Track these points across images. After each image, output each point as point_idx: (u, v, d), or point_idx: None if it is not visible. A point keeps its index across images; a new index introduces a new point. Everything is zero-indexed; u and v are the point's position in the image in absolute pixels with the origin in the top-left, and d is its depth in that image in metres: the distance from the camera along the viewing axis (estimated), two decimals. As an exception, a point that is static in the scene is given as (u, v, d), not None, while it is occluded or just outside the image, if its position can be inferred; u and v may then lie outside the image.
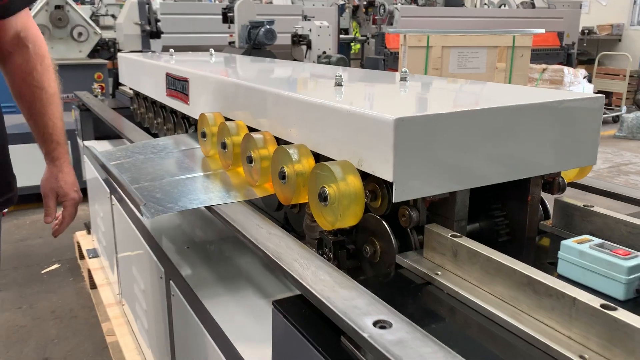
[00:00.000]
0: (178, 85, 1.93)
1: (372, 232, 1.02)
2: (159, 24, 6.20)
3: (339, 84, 1.28)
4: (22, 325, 2.73)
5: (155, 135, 2.44)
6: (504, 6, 9.70)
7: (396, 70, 6.73)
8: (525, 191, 1.08)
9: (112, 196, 2.27)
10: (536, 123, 1.00)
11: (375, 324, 0.68)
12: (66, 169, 1.58)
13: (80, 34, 5.78)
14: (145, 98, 2.48)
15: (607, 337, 0.67)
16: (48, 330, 2.68)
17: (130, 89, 2.77)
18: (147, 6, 6.18)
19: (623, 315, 0.66)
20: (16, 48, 1.40)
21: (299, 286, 0.81)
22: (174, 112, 2.14)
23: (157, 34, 6.14)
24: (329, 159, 1.03)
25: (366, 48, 10.78)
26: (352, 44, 12.21)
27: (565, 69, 7.06)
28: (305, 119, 1.12)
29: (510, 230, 1.12)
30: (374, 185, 0.99)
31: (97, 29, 5.99)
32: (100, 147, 2.82)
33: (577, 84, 7.11)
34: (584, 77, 7.44)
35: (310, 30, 6.36)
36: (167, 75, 2.03)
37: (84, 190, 3.34)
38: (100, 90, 4.22)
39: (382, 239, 1.01)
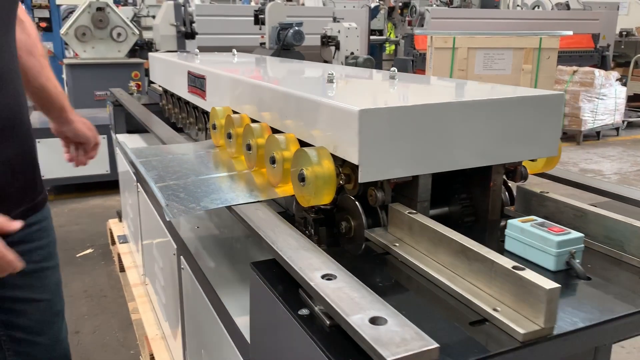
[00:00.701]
0: (197, 83, 2.11)
1: (347, 211, 1.17)
2: (193, 25, 6.45)
3: (330, 81, 1.43)
4: (57, 302, 2.96)
5: (180, 130, 2.63)
6: (538, 8, 9.63)
7: (424, 71, 6.81)
8: (488, 179, 1.20)
9: (138, 184, 2.47)
10: (494, 117, 1.12)
11: (323, 276, 0.83)
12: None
13: (119, 35, 6.09)
14: (172, 95, 2.67)
15: (516, 293, 0.79)
16: (80, 308, 2.92)
17: (159, 86, 2.98)
18: (182, 8, 6.45)
19: (528, 274, 0.78)
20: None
21: (270, 249, 0.96)
22: (195, 107, 2.32)
23: (191, 34, 6.39)
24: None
25: (400, 49, 10.82)
26: (386, 45, 12.27)
27: (597, 71, 6.99)
28: (295, 111, 1.27)
29: (475, 213, 1.24)
30: (348, 169, 1.13)
31: (135, 30, 6.29)
32: (131, 140, 3.04)
33: (608, 87, 7.03)
34: (617, 80, 7.34)
35: (339, 31, 6.50)
36: (189, 73, 2.21)
37: (116, 182, 3.58)
38: (136, 88, 4.47)
39: (354, 217, 1.15)
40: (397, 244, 1.04)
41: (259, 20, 6.38)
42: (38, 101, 1.55)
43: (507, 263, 0.81)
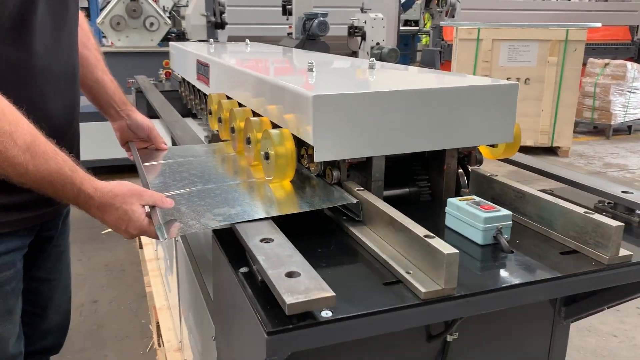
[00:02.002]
0: (203, 70, 2.25)
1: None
2: (223, 15, 6.61)
3: (310, 69, 1.54)
4: (80, 274, 3.20)
5: (194, 115, 2.78)
6: (575, -2, 9.43)
7: (450, 62, 6.80)
8: (442, 162, 1.30)
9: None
10: (444, 105, 1.21)
11: (261, 240, 0.95)
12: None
13: (152, 24, 6.31)
14: (188, 82, 2.83)
15: (426, 258, 0.89)
16: (100, 280, 3.13)
17: (178, 74, 3.14)
18: (213, -2, 6.62)
19: (434, 241, 0.88)
20: None
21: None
22: (205, 94, 2.47)
23: (221, 24, 6.56)
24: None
25: (432, 40, 10.70)
26: (421, 35, 12.20)
27: (629, 64, 6.83)
28: (270, 96, 1.39)
29: (432, 194, 1.34)
30: (312, 150, 1.24)
31: (167, 20, 6.50)
32: (151, 124, 3.21)
33: (641, 80, 6.87)
34: (652, 73, 7.15)
35: (365, 22, 6.55)
36: (197, 61, 2.36)
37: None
38: (165, 76, 4.64)
39: (316, 194, 1.26)
40: (345, 217, 1.15)
41: (286, 11, 6.51)
42: (96, 96, 1.54)
43: (421, 232, 0.92)
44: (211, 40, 2.98)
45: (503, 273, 0.96)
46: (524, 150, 6.18)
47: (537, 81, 5.80)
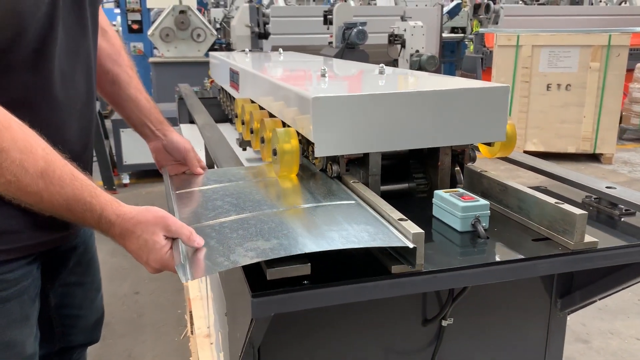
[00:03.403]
0: (234, 78, 2.43)
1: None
2: (267, 26, 6.85)
3: (323, 75, 1.67)
4: (125, 267, 3.44)
5: (230, 121, 2.97)
6: (625, 3, 9.17)
7: (491, 69, 6.78)
8: (437, 159, 1.40)
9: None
10: (436, 106, 1.31)
11: (259, 221, 1.09)
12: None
13: (199, 35, 6.62)
14: (225, 90, 3.02)
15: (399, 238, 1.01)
16: (142, 273, 3.36)
17: (217, 81, 3.35)
18: (257, 10, 6.88)
19: (406, 224, 0.99)
20: (100, 34, 1.39)
21: (234, 204, 1.23)
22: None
23: (264, 35, 6.81)
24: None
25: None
26: (467, 42, 12.16)
27: (679, 69, 6.62)
28: (282, 99, 1.54)
29: (429, 189, 1.44)
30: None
31: (214, 31, 6.80)
32: (192, 130, 3.43)
33: (692, 86, 6.63)
34: None
35: (404, 30, 6.64)
36: (230, 69, 2.54)
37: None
38: (210, 84, 4.88)
39: (319, 186, 1.39)
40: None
41: (327, 20, 6.68)
42: (129, 115, 1.53)
43: (396, 215, 1.03)
44: (246, 49, 3.16)
45: (473, 255, 1.06)
46: (567, 157, 6.12)
47: (579, 87, 5.72)
